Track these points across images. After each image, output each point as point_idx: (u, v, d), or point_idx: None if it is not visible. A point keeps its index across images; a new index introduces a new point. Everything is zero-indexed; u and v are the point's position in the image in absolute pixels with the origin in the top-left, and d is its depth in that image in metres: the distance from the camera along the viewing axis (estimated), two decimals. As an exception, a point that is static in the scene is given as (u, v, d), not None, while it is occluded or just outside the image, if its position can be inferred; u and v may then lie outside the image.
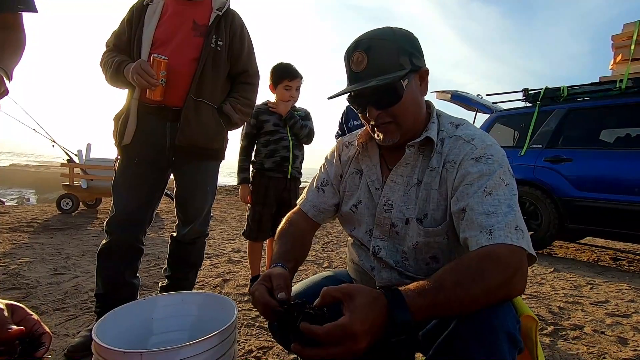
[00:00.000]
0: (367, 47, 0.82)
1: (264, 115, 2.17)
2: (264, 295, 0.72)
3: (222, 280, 2.45)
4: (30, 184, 15.93)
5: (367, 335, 0.58)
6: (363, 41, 0.83)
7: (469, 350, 0.62)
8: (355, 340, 0.57)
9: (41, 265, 2.55)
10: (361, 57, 0.82)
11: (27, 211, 4.84)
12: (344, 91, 0.86)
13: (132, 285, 1.57)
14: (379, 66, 0.81)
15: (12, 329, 0.54)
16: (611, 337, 1.86)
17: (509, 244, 0.69)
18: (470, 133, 0.87)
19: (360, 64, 0.83)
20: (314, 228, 1.07)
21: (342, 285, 0.64)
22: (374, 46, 0.82)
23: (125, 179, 1.51)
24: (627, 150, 3.43)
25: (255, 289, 0.75)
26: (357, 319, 0.58)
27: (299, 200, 1.10)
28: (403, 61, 0.82)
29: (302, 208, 1.07)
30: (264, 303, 0.71)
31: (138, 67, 1.34)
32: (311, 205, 1.05)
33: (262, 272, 2.29)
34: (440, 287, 0.63)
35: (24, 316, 0.60)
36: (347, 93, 0.87)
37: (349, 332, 0.57)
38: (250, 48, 1.64)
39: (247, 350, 1.53)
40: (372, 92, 0.83)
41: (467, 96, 4.96)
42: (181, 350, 0.72)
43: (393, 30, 0.85)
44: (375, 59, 0.81)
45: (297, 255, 0.93)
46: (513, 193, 0.78)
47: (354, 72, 0.84)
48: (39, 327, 0.59)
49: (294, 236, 0.99)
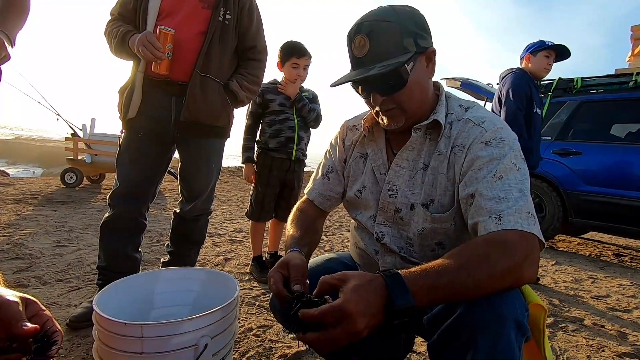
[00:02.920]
0: (368, 31, 0.78)
1: (270, 94, 2.13)
2: (278, 284, 0.72)
3: (223, 259, 2.46)
4: (34, 158, 16.02)
5: (364, 316, 0.57)
6: (364, 24, 0.79)
7: (475, 336, 0.61)
8: (352, 320, 0.57)
9: (45, 236, 2.57)
10: (363, 42, 0.78)
11: (32, 183, 4.87)
12: (346, 79, 0.82)
13: (134, 259, 1.57)
14: (381, 51, 0.77)
15: (27, 326, 0.52)
16: (611, 331, 1.86)
17: (519, 229, 0.66)
18: (480, 116, 0.83)
19: (362, 49, 0.79)
20: (322, 215, 1.06)
21: (337, 273, 0.64)
22: (376, 29, 0.77)
23: (130, 153, 1.49)
24: (637, 146, 3.36)
25: (272, 276, 0.74)
26: (351, 299, 0.57)
27: (306, 189, 1.08)
28: (407, 44, 0.78)
29: (309, 197, 1.05)
30: (277, 292, 0.71)
31: (144, 39, 1.30)
32: (317, 193, 1.04)
33: (264, 253, 2.32)
34: (443, 270, 0.61)
35: (37, 311, 0.58)
36: (349, 81, 0.83)
37: (343, 313, 0.57)
38: (259, 23, 1.59)
39: (247, 328, 1.54)
40: (375, 79, 0.80)
41: (477, 84, 4.86)
42: (182, 325, 0.72)
43: (395, 10, 0.79)
44: (377, 43, 0.77)
45: (309, 242, 0.92)
46: (525, 177, 0.75)
47: (356, 57, 0.81)
48: (52, 324, 0.58)
49: (306, 223, 0.97)
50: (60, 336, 0.58)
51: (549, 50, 2.37)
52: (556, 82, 4.01)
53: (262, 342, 1.44)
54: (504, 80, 2.45)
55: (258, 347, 1.40)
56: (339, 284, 0.61)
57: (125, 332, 0.70)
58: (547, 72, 2.43)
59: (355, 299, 0.58)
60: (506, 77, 2.46)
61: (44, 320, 0.57)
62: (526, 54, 2.44)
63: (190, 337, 0.72)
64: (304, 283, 0.72)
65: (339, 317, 0.57)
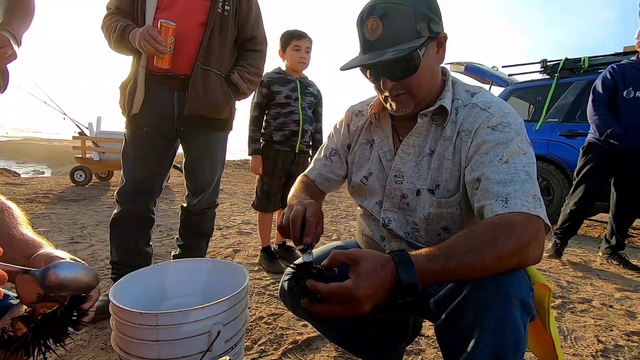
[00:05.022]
0: (382, 13, 0.76)
1: (276, 86, 2.13)
2: (298, 218, 0.78)
3: (232, 250, 2.50)
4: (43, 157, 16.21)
5: (371, 299, 0.60)
6: (378, 6, 0.77)
7: (481, 316, 0.62)
8: (358, 303, 0.59)
9: (58, 234, 2.62)
10: (376, 24, 0.77)
11: (42, 183, 4.95)
12: (357, 63, 0.81)
13: (146, 253, 1.60)
14: (395, 34, 0.76)
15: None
16: (619, 310, 1.86)
17: (526, 212, 0.67)
18: (487, 100, 0.83)
19: (374, 32, 0.77)
20: (322, 195, 1.08)
21: (350, 250, 0.65)
22: (390, 12, 0.76)
23: (134, 149, 1.51)
24: None
25: (293, 207, 0.80)
26: (361, 284, 0.59)
27: (307, 170, 1.09)
28: (421, 28, 0.77)
29: (309, 176, 1.07)
30: (294, 220, 0.77)
31: (145, 33, 1.30)
32: (318, 173, 1.05)
33: (272, 243, 2.35)
34: (451, 253, 0.62)
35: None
36: (361, 65, 0.81)
37: (352, 296, 0.59)
38: (258, 13, 1.58)
39: (258, 317, 1.57)
40: (388, 63, 0.78)
41: (481, 68, 4.78)
42: (194, 313, 0.74)
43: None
44: (391, 26, 0.76)
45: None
46: (531, 161, 0.75)
47: (368, 41, 0.79)
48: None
49: (310, 190, 1.01)
50: (97, 293, 0.62)
51: None
52: (563, 62, 3.93)
53: (274, 330, 1.47)
54: None
55: (269, 335, 1.44)
56: (351, 263, 0.63)
57: (141, 321, 0.72)
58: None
59: (365, 285, 0.59)
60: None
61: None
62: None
63: (203, 324, 0.75)
64: (313, 235, 0.77)
65: (346, 299, 0.59)
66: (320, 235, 0.81)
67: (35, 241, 0.67)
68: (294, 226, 0.77)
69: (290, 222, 0.78)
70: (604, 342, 1.53)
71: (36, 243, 0.66)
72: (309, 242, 0.76)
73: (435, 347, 1.39)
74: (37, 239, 0.68)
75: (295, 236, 0.78)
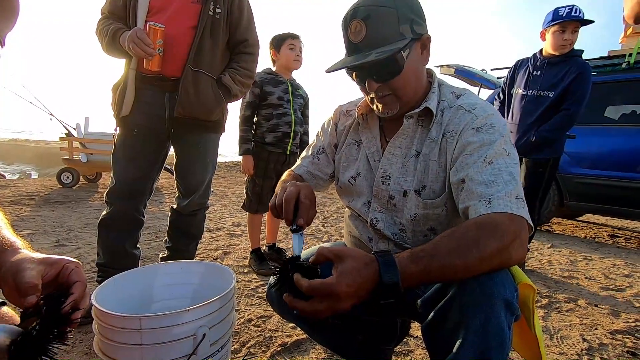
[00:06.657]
0: (365, 15, 0.77)
1: (269, 87, 2.13)
2: (292, 199, 0.79)
3: (222, 252, 2.48)
4: (30, 159, 15.89)
5: (352, 297, 0.61)
6: (360, 9, 0.78)
7: (466, 316, 0.63)
8: (339, 300, 0.60)
9: (43, 236, 2.57)
10: (359, 27, 0.78)
11: (28, 185, 4.85)
12: (342, 65, 0.82)
13: (133, 255, 1.58)
14: (378, 36, 0.77)
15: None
16: (604, 309, 1.90)
17: (509, 212, 0.68)
18: (471, 102, 0.84)
19: (358, 34, 0.78)
20: None
21: (336, 247, 0.66)
22: (373, 14, 0.77)
23: (125, 150, 1.49)
24: (631, 128, 3.38)
25: (286, 187, 0.81)
26: (343, 281, 0.60)
27: (294, 167, 1.09)
28: (404, 30, 0.78)
29: (296, 171, 1.06)
30: (287, 201, 0.79)
31: (134, 36, 1.30)
32: (305, 170, 1.05)
33: (262, 245, 2.33)
34: (435, 254, 0.63)
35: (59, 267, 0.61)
36: (345, 67, 0.83)
37: (332, 292, 0.59)
38: (250, 16, 1.58)
39: (247, 319, 1.56)
40: (372, 65, 0.80)
41: (471, 71, 4.85)
42: (179, 316, 0.73)
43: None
44: (374, 28, 0.77)
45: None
46: (515, 162, 0.76)
47: (352, 43, 0.80)
48: (72, 276, 0.61)
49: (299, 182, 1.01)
50: (81, 287, 0.61)
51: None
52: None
53: (262, 332, 1.47)
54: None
55: (258, 337, 1.43)
56: (335, 259, 0.63)
57: (124, 324, 0.71)
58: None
59: (347, 281, 0.60)
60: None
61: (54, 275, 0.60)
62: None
63: (188, 327, 0.74)
64: (307, 217, 0.79)
65: (326, 294, 0.60)
66: (313, 219, 0.82)
67: (6, 241, 0.64)
68: (287, 206, 0.78)
69: (284, 202, 0.78)
70: (589, 340, 1.56)
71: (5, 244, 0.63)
72: (302, 224, 0.77)
73: (423, 347, 1.40)
74: (10, 239, 0.66)
75: (288, 217, 0.78)
